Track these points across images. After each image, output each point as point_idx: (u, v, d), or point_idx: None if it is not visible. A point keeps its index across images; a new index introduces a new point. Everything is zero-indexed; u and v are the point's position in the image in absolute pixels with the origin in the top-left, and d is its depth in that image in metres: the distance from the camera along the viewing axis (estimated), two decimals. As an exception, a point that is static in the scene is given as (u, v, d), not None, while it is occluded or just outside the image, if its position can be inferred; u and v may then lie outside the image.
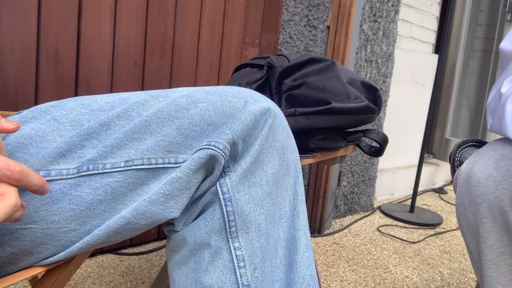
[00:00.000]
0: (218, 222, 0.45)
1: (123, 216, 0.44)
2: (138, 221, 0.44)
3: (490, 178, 0.70)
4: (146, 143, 0.44)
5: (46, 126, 0.43)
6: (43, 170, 0.41)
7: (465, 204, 0.74)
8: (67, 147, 0.42)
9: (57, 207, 0.42)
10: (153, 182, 0.44)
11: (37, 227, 0.42)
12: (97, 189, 0.43)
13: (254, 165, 0.46)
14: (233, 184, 0.45)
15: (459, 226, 0.78)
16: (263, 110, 0.47)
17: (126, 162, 0.43)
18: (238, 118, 0.45)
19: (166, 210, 0.44)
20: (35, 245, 0.43)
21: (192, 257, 0.47)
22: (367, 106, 0.93)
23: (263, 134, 0.46)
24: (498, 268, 0.71)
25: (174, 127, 0.44)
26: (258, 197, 0.46)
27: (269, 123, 0.47)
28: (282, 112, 0.51)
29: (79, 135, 0.42)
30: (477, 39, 3.05)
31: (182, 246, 0.48)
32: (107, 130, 0.43)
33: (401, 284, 1.38)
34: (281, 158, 0.49)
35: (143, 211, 0.44)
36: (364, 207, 2.09)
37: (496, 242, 0.71)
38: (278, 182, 0.49)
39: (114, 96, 0.48)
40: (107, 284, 1.19)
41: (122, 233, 0.45)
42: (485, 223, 0.71)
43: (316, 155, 0.93)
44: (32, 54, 1.09)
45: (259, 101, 0.47)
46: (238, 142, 0.45)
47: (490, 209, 0.70)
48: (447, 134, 2.97)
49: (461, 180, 0.75)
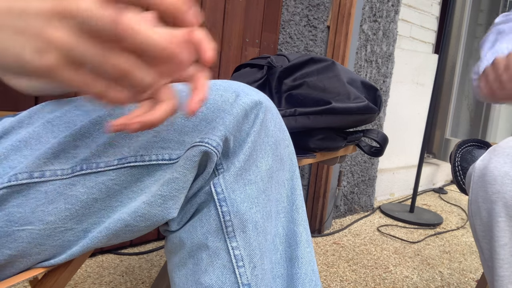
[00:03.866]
0: (214, 222, 0.45)
1: (123, 219, 0.43)
2: (138, 224, 0.44)
3: (507, 176, 0.69)
4: (139, 140, 0.44)
5: (41, 129, 0.43)
6: (38, 171, 0.41)
7: (479, 201, 0.73)
8: (60, 148, 0.42)
9: (52, 208, 0.42)
10: (147, 179, 0.44)
11: (33, 228, 0.42)
12: (92, 188, 0.43)
13: (248, 162, 0.46)
14: (228, 184, 0.45)
15: (470, 224, 0.77)
16: (253, 103, 0.46)
17: (119, 160, 0.43)
18: (230, 113, 0.45)
19: (165, 211, 0.44)
20: (32, 246, 0.43)
21: (190, 258, 0.47)
22: (367, 106, 0.93)
23: (255, 130, 0.46)
24: (510, 267, 0.71)
25: (167, 123, 0.44)
26: (254, 195, 0.46)
27: (260, 118, 0.46)
28: (274, 105, 0.50)
29: (72, 135, 0.42)
30: (477, 39, 3.05)
31: (180, 248, 0.48)
32: (100, 129, 0.43)
33: (401, 284, 1.38)
34: (274, 153, 0.48)
35: (142, 213, 0.44)
36: (364, 207, 2.09)
37: (510, 242, 0.70)
38: (273, 177, 0.48)
39: None
40: (107, 284, 1.19)
41: (122, 235, 0.45)
42: (499, 222, 0.70)
43: (316, 155, 0.93)
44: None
45: (250, 94, 0.47)
46: (230, 137, 0.45)
47: (505, 208, 0.69)
48: (447, 134, 2.97)
49: (475, 177, 0.74)
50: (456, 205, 2.37)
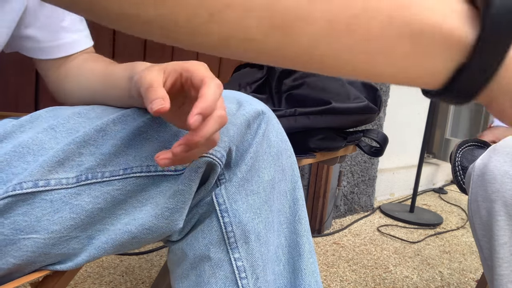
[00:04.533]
0: (216, 234, 0.45)
1: (129, 231, 0.43)
2: (145, 236, 0.44)
3: (506, 175, 0.69)
4: (144, 150, 0.43)
5: (43, 135, 0.43)
6: (43, 179, 0.41)
7: (479, 200, 0.73)
8: (65, 155, 0.42)
9: (58, 217, 0.42)
10: (152, 189, 0.44)
11: (38, 237, 0.42)
12: (97, 198, 0.42)
13: (250, 173, 0.45)
14: (230, 194, 0.45)
15: (470, 223, 0.77)
16: (256, 113, 0.46)
17: (124, 170, 0.43)
18: (234, 123, 0.44)
19: (171, 223, 0.44)
20: (37, 255, 0.43)
21: (193, 270, 0.46)
22: (367, 106, 0.93)
23: (257, 141, 0.45)
24: (510, 266, 0.71)
25: (171, 132, 0.44)
26: (256, 206, 0.45)
27: (262, 128, 0.46)
28: (275, 116, 0.50)
29: (76, 142, 0.42)
30: (477, 39, 3.05)
31: (182, 259, 0.48)
32: (104, 136, 0.43)
33: (401, 284, 1.39)
34: (276, 163, 0.48)
35: (149, 226, 0.43)
36: (364, 207, 2.10)
37: (509, 240, 0.70)
38: (275, 188, 0.48)
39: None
40: (107, 284, 1.19)
41: (128, 246, 0.45)
42: (499, 221, 0.70)
43: (316, 155, 0.93)
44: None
45: (252, 103, 0.47)
46: (232, 148, 0.45)
47: (505, 207, 0.69)
48: (447, 134, 2.97)
49: (475, 176, 0.74)
50: (456, 205, 2.37)
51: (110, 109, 0.47)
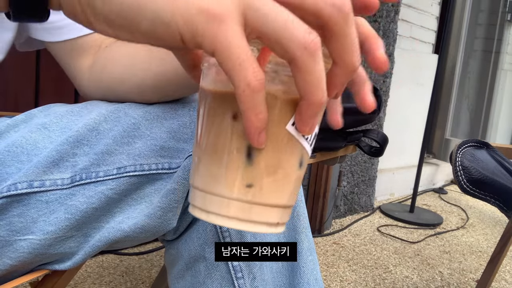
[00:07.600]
0: (210, 233, 0.44)
1: (122, 230, 0.43)
2: (137, 235, 0.43)
3: None
4: (137, 147, 0.43)
5: (37, 134, 0.42)
6: (38, 180, 0.41)
7: None
8: (59, 156, 0.41)
9: (53, 218, 0.41)
10: (147, 187, 0.44)
11: (34, 238, 0.41)
12: (91, 198, 0.42)
13: None
14: None
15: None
16: None
17: (118, 169, 0.42)
18: None
19: (164, 222, 0.44)
20: (34, 256, 0.43)
21: (188, 270, 0.46)
22: (367, 106, 0.93)
23: None
24: None
25: (164, 129, 0.43)
26: None
27: None
28: None
29: (69, 142, 0.42)
30: (477, 39, 3.05)
31: (177, 259, 0.47)
32: (97, 136, 0.42)
33: (401, 284, 1.39)
34: None
35: (141, 225, 0.43)
36: (364, 207, 2.09)
37: None
38: None
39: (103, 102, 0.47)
40: (107, 284, 1.19)
41: (122, 243, 0.45)
42: None
43: (316, 155, 0.93)
44: (32, 55, 1.09)
45: None
46: None
47: None
48: (447, 134, 2.97)
49: None
50: (456, 205, 2.37)
51: (102, 104, 0.46)
